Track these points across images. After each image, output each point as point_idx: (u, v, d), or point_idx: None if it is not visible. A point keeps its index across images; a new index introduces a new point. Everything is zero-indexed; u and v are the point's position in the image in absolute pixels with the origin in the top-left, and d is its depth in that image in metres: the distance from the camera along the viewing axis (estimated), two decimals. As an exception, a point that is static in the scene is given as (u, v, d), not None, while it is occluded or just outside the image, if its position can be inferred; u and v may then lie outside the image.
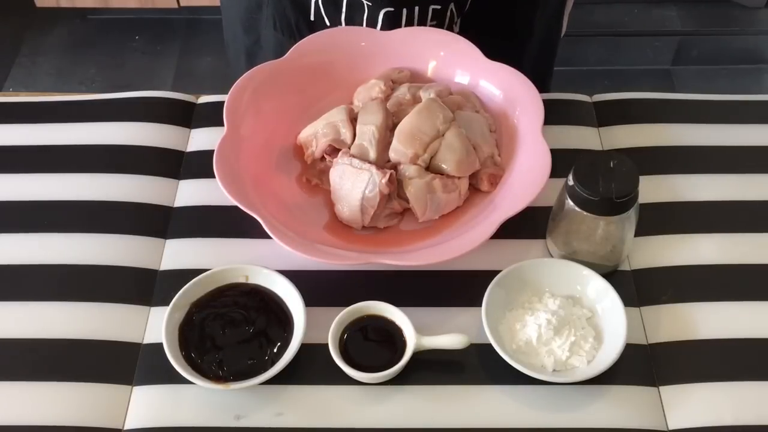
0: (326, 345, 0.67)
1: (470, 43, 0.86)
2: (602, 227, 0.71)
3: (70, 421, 0.66)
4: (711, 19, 2.22)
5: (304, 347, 0.69)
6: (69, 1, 2.28)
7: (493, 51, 0.85)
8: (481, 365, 0.69)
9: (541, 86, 1.06)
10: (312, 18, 0.92)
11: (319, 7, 0.90)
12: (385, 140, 0.78)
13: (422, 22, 0.89)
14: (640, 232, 0.74)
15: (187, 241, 0.78)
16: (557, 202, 0.73)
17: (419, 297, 0.73)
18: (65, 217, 0.80)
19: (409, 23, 0.89)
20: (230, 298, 0.71)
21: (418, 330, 0.68)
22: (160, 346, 0.70)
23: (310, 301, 0.73)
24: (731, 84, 2.13)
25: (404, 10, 0.87)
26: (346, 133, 0.79)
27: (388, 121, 0.79)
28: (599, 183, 0.68)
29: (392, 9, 0.88)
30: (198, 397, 0.67)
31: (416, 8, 0.88)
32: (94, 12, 2.41)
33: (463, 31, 0.91)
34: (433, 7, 0.88)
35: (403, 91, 0.83)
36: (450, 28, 0.91)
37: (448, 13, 0.89)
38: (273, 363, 0.67)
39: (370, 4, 0.88)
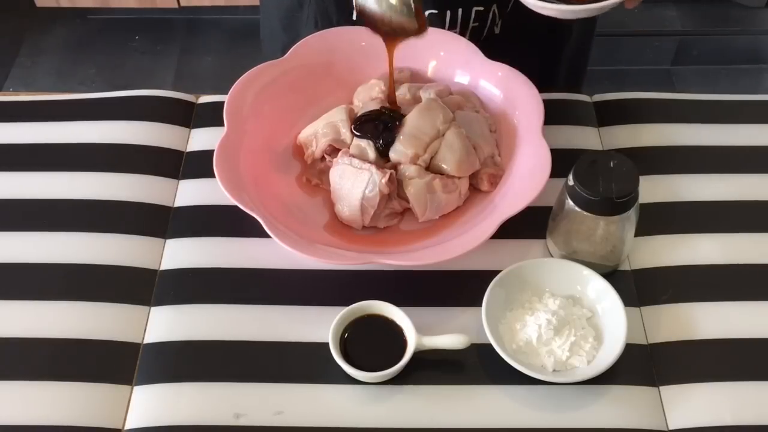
0: (326, 344, 0.67)
1: (470, 43, 0.86)
2: (602, 227, 0.71)
3: (70, 421, 0.66)
4: (711, 19, 2.22)
5: (304, 346, 0.69)
6: (69, 1, 2.28)
7: (532, 50, 0.85)
8: (481, 365, 0.69)
9: (576, 83, 1.06)
10: (354, 18, 0.92)
11: None
12: (385, 140, 0.78)
13: (465, 24, 0.90)
14: (640, 232, 0.74)
15: (187, 241, 0.78)
16: (557, 202, 0.73)
17: (419, 297, 0.73)
18: (65, 216, 0.80)
19: (453, 25, 0.89)
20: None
21: (418, 330, 0.68)
22: (160, 345, 0.71)
23: (310, 300, 0.73)
24: (731, 84, 2.13)
25: (448, 12, 0.87)
26: (346, 133, 0.79)
27: (388, 121, 0.79)
28: (599, 183, 0.68)
29: (436, 11, 0.88)
30: (198, 396, 0.67)
31: (459, 10, 0.88)
32: (94, 12, 2.41)
33: (504, 31, 0.91)
34: (476, 8, 0.88)
35: (403, 91, 0.83)
36: (492, 29, 0.91)
37: (491, 15, 0.90)
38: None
39: None
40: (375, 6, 0.74)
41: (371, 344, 0.69)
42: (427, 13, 0.88)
